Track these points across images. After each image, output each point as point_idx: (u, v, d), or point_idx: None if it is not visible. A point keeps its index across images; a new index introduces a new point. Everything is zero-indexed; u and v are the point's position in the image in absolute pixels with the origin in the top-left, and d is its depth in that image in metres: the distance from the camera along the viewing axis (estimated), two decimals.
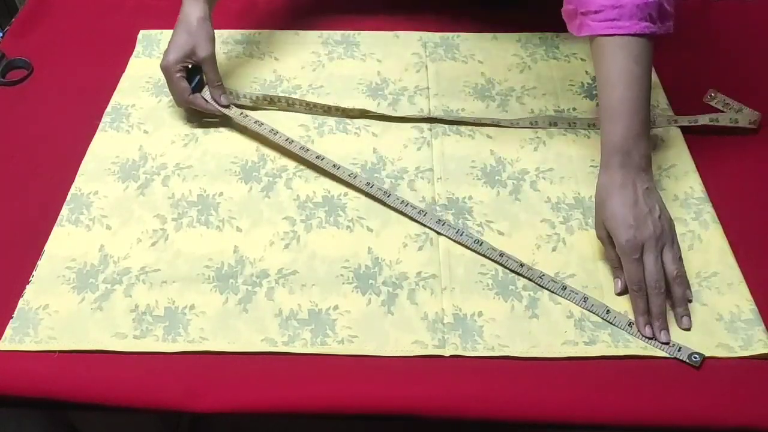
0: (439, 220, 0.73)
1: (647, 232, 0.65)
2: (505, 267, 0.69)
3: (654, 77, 0.91)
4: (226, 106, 0.83)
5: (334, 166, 0.78)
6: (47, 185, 0.78)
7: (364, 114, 0.85)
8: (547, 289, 0.68)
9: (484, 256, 0.70)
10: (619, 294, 0.68)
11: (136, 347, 0.64)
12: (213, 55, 0.81)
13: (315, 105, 0.85)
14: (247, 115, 0.83)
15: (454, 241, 0.72)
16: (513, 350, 0.64)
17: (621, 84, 0.68)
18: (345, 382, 0.62)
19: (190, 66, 0.81)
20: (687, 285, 0.68)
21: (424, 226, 0.73)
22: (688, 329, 0.65)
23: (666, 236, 0.66)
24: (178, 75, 0.80)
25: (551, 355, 0.64)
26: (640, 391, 0.61)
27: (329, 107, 0.85)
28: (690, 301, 0.67)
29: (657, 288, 0.65)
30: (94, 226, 0.74)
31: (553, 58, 0.94)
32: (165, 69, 0.80)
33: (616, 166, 0.67)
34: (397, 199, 0.74)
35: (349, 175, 0.77)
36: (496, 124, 0.84)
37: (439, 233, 0.73)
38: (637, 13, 0.68)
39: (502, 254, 0.70)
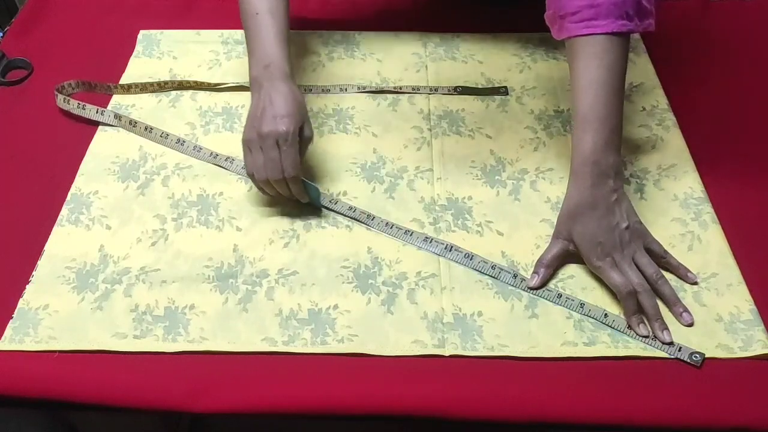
0: (426, 237, 0.73)
1: (615, 245, 0.67)
2: (498, 279, 0.69)
3: (654, 77, 0.91)
4: None
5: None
6: (47, 185, 0.78)
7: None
8: (542, 298, 0.68)
9: (476, 270, 0.70)
10: (533, 288, 0.68)
11: (136, 347, 0.64)
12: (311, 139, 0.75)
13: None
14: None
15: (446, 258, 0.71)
16: (513, 350, 0.64)
17: (591, 91, 0.68)
18: (345, 382, 0.62)
19: None
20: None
21: (418, 236, 0.73)
22: (691, 324, 0.65)
23: (635, 243, 0.68)
24: (297, 147, 0.72)
25: (551, 355, 0.64)
26: (640, 391, 0.61)
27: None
28: (696, 283, 0.68)
29: (643, 288, 0.65)
30: (93, 226, 0.74)
31: (553, 58, 0.94)
32: (287, 135, 0.71)
33: (586, 178, 0.67)
34: (381, 221, 0.74)
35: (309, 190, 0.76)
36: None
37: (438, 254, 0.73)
38: (613, 11, 0.67)
39: (494, 266, 0.70)
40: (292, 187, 0.72)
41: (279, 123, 0.70)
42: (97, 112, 0.84)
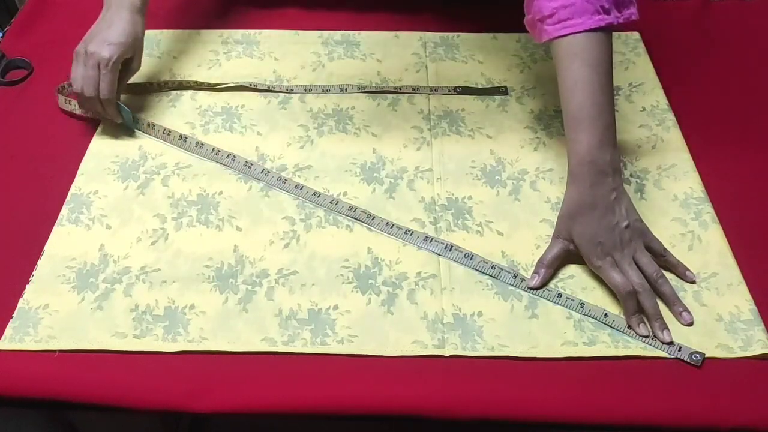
0: (426, 237, 0.72)
1: (615, 244, 0.66)
2: (498, 279, 0.69)
3: (654, 77, 0.91)
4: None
5: (297, 187, 0.78)
6: (47, 185, 0.78)
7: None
8: (542, 298, 0.68)
9: (476, 270, 0.70)
10: (534, 288, 0.68)
11: (136, 347, 0.64)
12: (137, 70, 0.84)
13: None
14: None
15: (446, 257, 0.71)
16: (513, 350, 0.64)
17: (578, 91, 0.68)
18: (345, 382, 0.62)
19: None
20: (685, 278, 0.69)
21: (418, 236, 0.73)
22: (691, 324, 0.66)
23: (635, 242, 0.68)
24: (116, 73, 0.79)
25: (551, 355, 0.64)
26: (640, 391, 0.61)
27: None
28: (694, 282, 0.68)
29: (643, 288, 0.65)
30: (93, 226, 0.74)
31: (552, 58, 0.94)
32: (108, 61, 0.77)
33: (585, 178, 0.67)
34: (382, 221, 0.74)
35: (302, 190, 0.77)
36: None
37: (437, 253, 0.73)
38: (588, 8, 0.67)
39: (494, 266, 0.70)
40: (106, 108, 0.80)
41: (105, 48, 0.77)
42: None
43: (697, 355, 0.63)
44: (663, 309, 0.66)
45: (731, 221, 0.74)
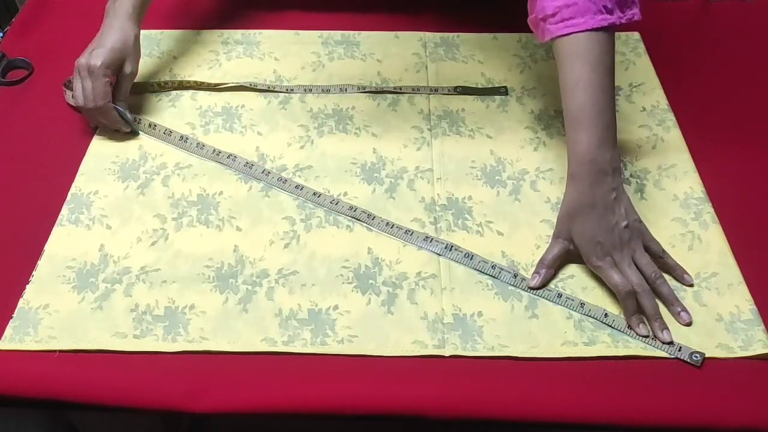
0: (427, 237, 0.72)
1: (615, 244, 0.66)
2: (498, 279, 0.69)
3: (654, 77, 0.91)
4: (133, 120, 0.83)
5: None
6: (47, 185, 0.78)
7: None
8: (542, 297, 0.68)
9: (476, 270, 0.70)
10: (535, 288, 0.68)
11: (136, 347, 0.64)
12: (135, 75, 0.83)
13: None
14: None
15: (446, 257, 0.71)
16: (513, 350, 0.64)
17: (579, 90, 0.68)
18: (345, 382, 0.62)
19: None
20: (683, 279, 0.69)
21: (418, 236, 0.73)
22: (689, 323, 0.66)
23: (634, 242, 0.67)
24: (106, 79, 0.79)
25: (551, 355, 0.64)
26: (640, 391, 0.61)
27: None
28: (692, 285, 0.68)
29: (642, 288, 0.65)
30: (94, 226, 0.74)
31: (553, 58, 0.93)
32: (95, 68, 0.77)
33: (584, 178, 0.67)
34: (382, 221, 0.74)
35: (314, 194, 0.77)
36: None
37: (435, 251, 0.73)
38: (591, 8, 0.67)
39: (494, 266, 0.70)
40: (106, 117, 0.80)
41: (93, 56, 0.78)
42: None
43: (697, 355, 0.63)
44: (663, 309, 0.66)
45: (731, 221, 0.74)
